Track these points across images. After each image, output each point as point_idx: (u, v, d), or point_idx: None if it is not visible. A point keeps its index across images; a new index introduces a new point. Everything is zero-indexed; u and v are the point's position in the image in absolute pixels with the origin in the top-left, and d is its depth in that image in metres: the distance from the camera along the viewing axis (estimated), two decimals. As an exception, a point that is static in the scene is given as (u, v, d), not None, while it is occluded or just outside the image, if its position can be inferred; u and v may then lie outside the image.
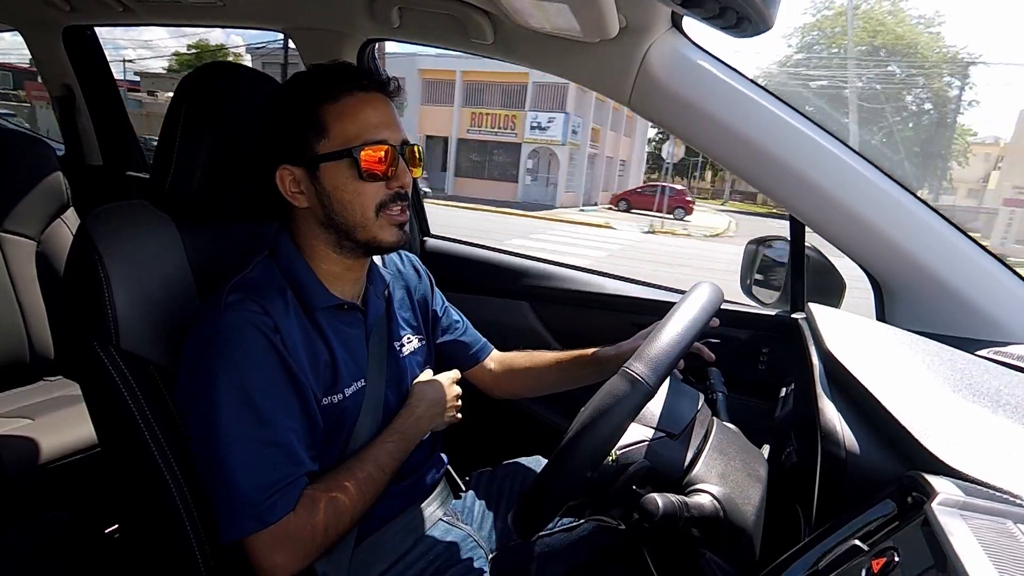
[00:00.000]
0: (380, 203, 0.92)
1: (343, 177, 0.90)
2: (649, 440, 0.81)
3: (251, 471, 0.82)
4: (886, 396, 0.68)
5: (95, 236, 0.90)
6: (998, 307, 1.00)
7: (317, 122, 0.89)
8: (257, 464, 0.82)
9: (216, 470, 0.82)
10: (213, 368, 0.83)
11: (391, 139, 0.91)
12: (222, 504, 0.82)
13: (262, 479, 0.82)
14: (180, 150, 0.97)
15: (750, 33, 0.91)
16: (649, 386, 0.68)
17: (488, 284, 1.75)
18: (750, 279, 1.41)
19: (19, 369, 1.74)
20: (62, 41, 2.21)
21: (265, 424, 0.83)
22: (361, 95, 0.90)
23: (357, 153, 0.88)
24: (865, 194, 1.03)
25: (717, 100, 1.07)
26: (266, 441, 0.83)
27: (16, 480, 1.39)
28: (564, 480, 0.68)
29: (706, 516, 0.74)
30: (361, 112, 0.90)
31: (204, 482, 0.85)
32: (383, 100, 0.93)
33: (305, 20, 1.62)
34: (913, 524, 0.50)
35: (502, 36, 1.28)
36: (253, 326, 0.85)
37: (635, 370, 0.69)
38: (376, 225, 0.92)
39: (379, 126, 0.90)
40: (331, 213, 0.92)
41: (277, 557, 0.83)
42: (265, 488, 0.82)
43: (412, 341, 1.13)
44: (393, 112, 0.94)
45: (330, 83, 0.90)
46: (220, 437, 0.82)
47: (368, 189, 0.90)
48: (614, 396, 0.68)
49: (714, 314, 0.85)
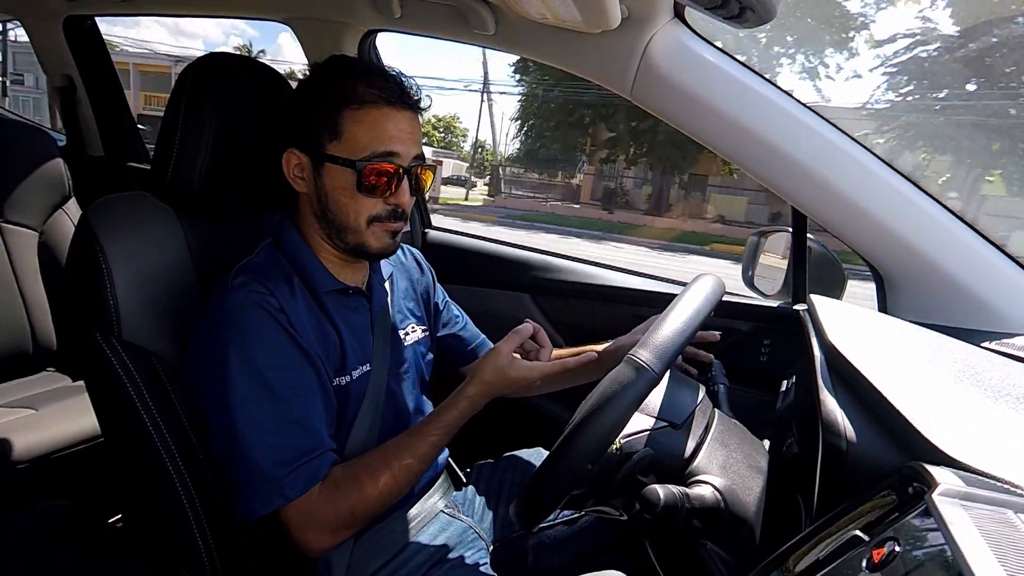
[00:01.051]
0: (374, 216, 0.92)
1: (343, 183, 0.90)
2: (651, 429, 0.81)
3: (269, 447, 0.82)
4: (887, 387, 0.67)
5: (96, 227, 0.90)
6: (1001, 297, 1.00)
7: (334, 123, 0.89)
8: (275, 440, 0.83)
9: (234, 448, 0.82)
10: (223, 347, 0.83)
11: (403, 156, 0.91)
12: (242, 481, 0.83)
13: (280, 455, 0.82)
14: (181, 141, 0.97)
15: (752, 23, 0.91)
16: (655, 373, 0.68)
17: (489, 276, 1.74)
18: (752, 270, 1.41)
19: (22, 359, 1.75)
20: (63, 31, 2.20)
21: (280, 400, 0.84)
22: (386, 108, 0.90)
23: (361, 167, 0.88)
24: (867, 185, 1.03)
25: (720, 91, 1.06)
26: (282, 417, 0.84)
27: (19, 470, 1.39)
28: (568, 467, 0.68)
29: (707, 507, 0.74)
30: (379, 125, 0.89)
31: (223, 463, 0.85)
32: (407, 115, 0.92)
33: (306, 10, 1.61)
34: (914, 514, 0.50)
35: (504, 27, 1.27)
36: (259, 306, 0.85)
37: (640, 357, 0.69)
38: (367, 232, 0.93)
39: (394, 139, 0.90)
40: (326, 209, 0.93)
41: (306, 535, 0.84)
42: (284, 464, 0.82)
43: (416, 331, 1.13)
44: (416, 128, 0.94)
45: (359, 89, 0.89)
46: (236, 415, 0.82)
47: (365, 202, 0.91)
48: (619, 383, 0.68)
49: (716, 304, 0.85)
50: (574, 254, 1.74)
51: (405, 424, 1.07)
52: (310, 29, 1.65)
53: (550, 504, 0.69)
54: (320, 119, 0.90)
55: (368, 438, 0.98)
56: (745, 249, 1.44)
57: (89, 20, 2.25)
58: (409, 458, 0.91)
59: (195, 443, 0.93)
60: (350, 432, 0.96)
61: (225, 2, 1.71)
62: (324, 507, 0.84)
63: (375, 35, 1.64)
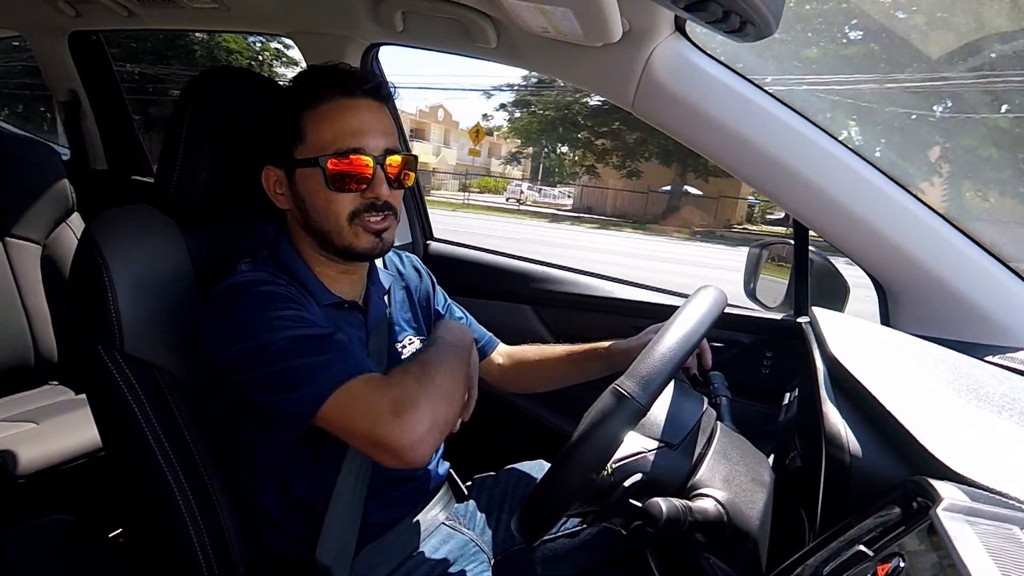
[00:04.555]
0: (353, 212, 0.91)
1: (315, 185, 0.89)
2: (647, 451, 0.80)
3: (302, 359, 0.79)
4: (891, 400, 0.67)
5: (100, 240, 0.90)
6: (1004, 311, 1.00)
7: (296, 127, 0.89)
8: (307, 350, 0.80)
9: (270, 374, 0.79)
10: (240, 308, 0.82)
11: (369, 147, 0.89)
12: (289, 394, 0.79)
13: (325, 371, 0.79)
14: (184, 155, 0.98)
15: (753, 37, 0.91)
16: (640, 405, 0.67)
17: (491, 288, 1.74)
18: (753, 283, 1.41)
19: (24, 373, 1.75)
20: (68, 47, 2.22)
21: (315, 339, 0.81)
22: (344, 100, 0.89)
23: (324, 163, 0.87)
24: (869, 198, 1.03)
25: (721, 104, 1.06)
26: (312, 339, 0.81)
27: (21, 483, 1.39)
28: (562, 490, 0.68)
29: (710, 521, 0.73)
30: (339, 118, 0.89)
31: (261, 401, 0.81)
32: (369, 105, 0.91)
33: (309, 24, 1.63)
34: (919, 530, 0.49)
35: (505, 40, 1.28)
36: (272, 281, 0.86)
37: (625, 388, 0.68)
38: (350, 233, 0.91)
39: (356, 133, 0.88)
40: (308, 218, 0.92)
41: (359, 423, 0.78)
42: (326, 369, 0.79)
43: (414, 342, 1.13)
44: (380, 118, 0.92)
45: (314, 87, 0.89)
46: (274, 354, 0.79)
47: (338, 198, 0.90)
48: (603, 414, 0.67)
49: (716, 321, 0.83)
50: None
51: None
52: (313, 43, 1.66)
53: (548, 522, 0.69)
54: (284, 127, 0.90)
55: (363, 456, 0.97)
56: (746, 261, 1.44)
57: (94, 36, 2.28)
58: (415, 367, 0.84)
59: (197, 456, 0.92)
60: (346, 448, 0.94)
61: (229, 18, 1.72)
62: (369, 393, 0.79)
63: (377, 49, 1.66)
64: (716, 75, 1.07)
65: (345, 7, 1.47)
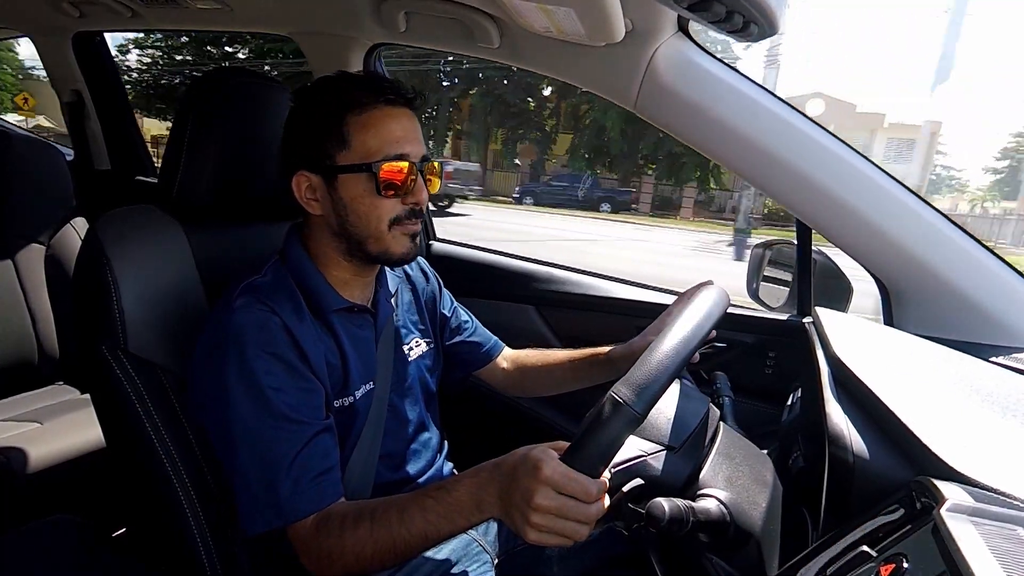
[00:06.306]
0: (395, 218, 0.92)
1: (361, 190, 0.90)
2: (647, 455, 0.80)
3: (268, 467, 0.81)
4: (894, 401, 0.67)
5: (104, 240, 0.91)
6: (1008, 311, 1.00)
7: (339, 132, 0.89)
8: (275, 461, 0.82)
9: (235, 465, 0.82)
10: (225, 366, 0.83)
11: (412, 154, 0.90)
12: (242, 497, 0.82)
13: (280, 475, 0.81)
14: (188, 155, 0.98)
15: (756, 37, 0.91)
16: (636, 413, 0.65)
17: (494, 288, 1.74)
18: (756, 283, 1.41)
19: (29, 373, 1.75)
20: (72, 47, 2.23)
21: (280, 421, 0.83)
22: (386, 108, 0.90)
23: (376, 168, 0.88)
24: (872, 198, 1.03)
25: (724, 104, 1.06)
26: (283, 438, 0.83)
27: (25, 483, 1.39)
28: None
29: (713, 521, 0.73)
30: (385, 125, 0.89)
31: (226, 476, 0.85)
32: (407, 114, 0.92)
33: (312, 24, 1.63)
34: (922, 530, 0.49)
35: (508, 40, 1.28)
36: (262, 326, 0.85)
37: (622, 396, 0.66)
38: (389, 237, 0.93)
39: (401, 140, 0.90)
40: (345, 223, 0.92)
41: (303, 558, 0.83)
42: (293, 482, 0.82)
43: (420, 345, 1.13)
44: (416, 126, 0.94)
45: (356, 93, 0.89)
46: (237, 434, 0.82)
47: (384, 204, 0.90)
48: (599, 422, 0.66)
49: (717, 322, 0.80)
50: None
51: (406, 440, 1.07)
52: (316, 43, 1.67)
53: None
54: (324, 133, 0.90)
55: (370, 456, 0.98)
56: (749, 262, 1.44)
57: (98, 36, 2.28)
58: (392, 514, 0.79)
59: (200, 456, 0.93)
60: (353, 450, 0.96)
61: (232, 18, 1.73)
62: (309, 540, 0.82)
63: (380, 49, 1.66)
64: (719, 75, 1.07)
65: (348, 7, 1.47)
